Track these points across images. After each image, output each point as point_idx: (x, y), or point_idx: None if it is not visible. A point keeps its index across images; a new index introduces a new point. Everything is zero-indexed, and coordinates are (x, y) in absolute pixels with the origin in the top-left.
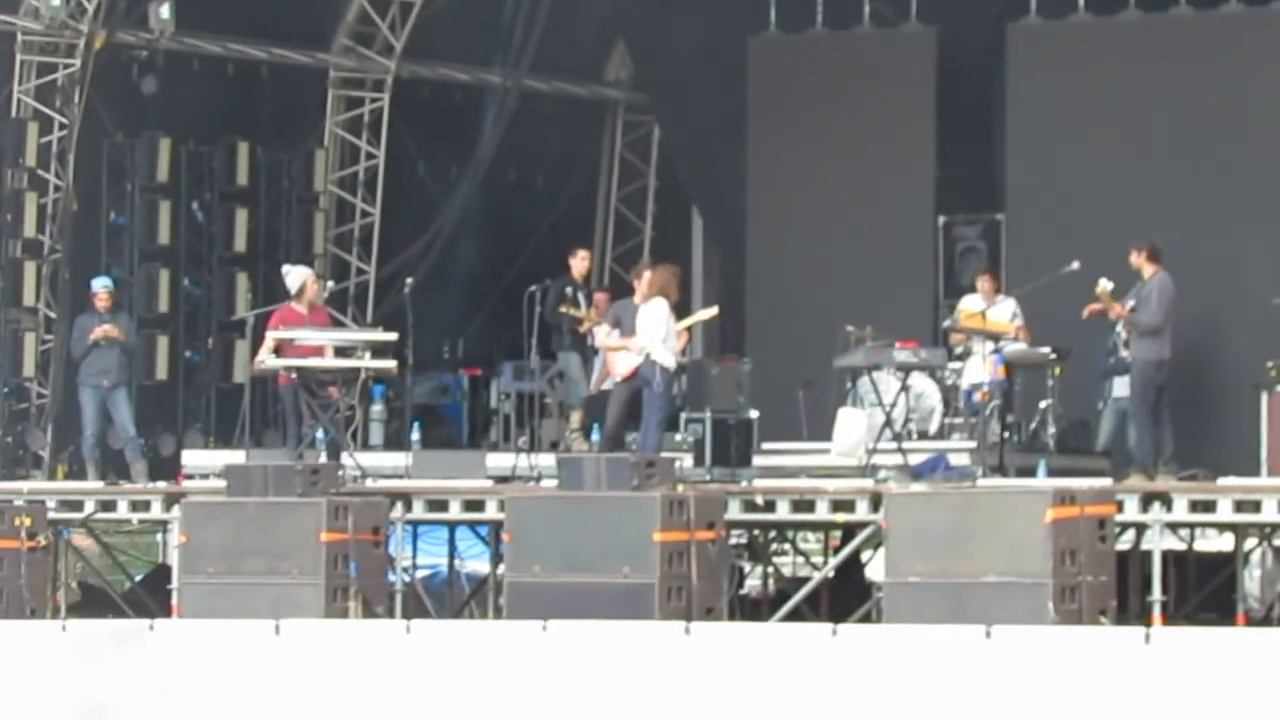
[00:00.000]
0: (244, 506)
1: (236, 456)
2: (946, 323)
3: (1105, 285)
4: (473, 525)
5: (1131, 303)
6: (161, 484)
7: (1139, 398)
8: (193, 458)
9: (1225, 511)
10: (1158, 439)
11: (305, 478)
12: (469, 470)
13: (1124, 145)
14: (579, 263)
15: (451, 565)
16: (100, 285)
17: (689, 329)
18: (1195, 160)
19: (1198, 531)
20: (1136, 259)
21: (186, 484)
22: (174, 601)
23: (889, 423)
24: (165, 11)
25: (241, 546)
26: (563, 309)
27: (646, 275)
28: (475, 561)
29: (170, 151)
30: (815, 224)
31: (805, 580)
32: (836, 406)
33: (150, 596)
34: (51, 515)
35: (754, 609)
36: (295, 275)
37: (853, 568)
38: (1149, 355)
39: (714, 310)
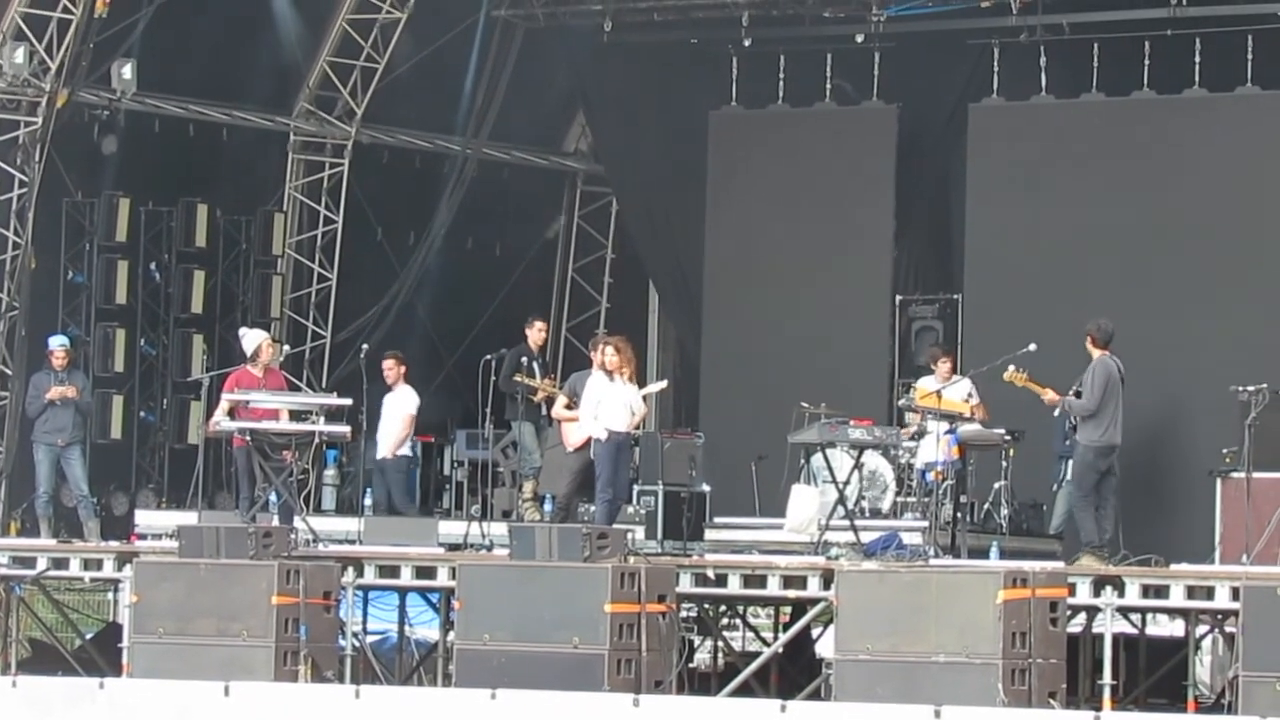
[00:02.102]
0: (196, 567)
1: (189, 517)
2: (902, 401)
3: (1013, 371)
4: (424, 592)
5: (1076, 387)
6: (114, 543)
7: (1077, 480)
8: (146, 518)
9: (1178, 597)
10: (1099, 523)
11: (257, 540)
12: (421, 537)
13: (1083, 228)
14: (535, 333)
15: (402, 631)
16: (57, 343)
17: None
18: (1155, 244)
19: (1149, 616)
20: (1087, 343)
21: (139, 544)
22: (124, 660)
23: (842, 500)
24: (127, 72)
25: (193, 607)
26: (518, 378)
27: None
28: (425, 628)
29: (129, 211)
30: (771, 300)
31: (755, 655)
32: (790, 482)
33: (100, 655)
34: (3, 572)
35: (703, 683)
36: (251, 338)
37: (803, 644)
38: (1088, 439)
39: (663, 383)
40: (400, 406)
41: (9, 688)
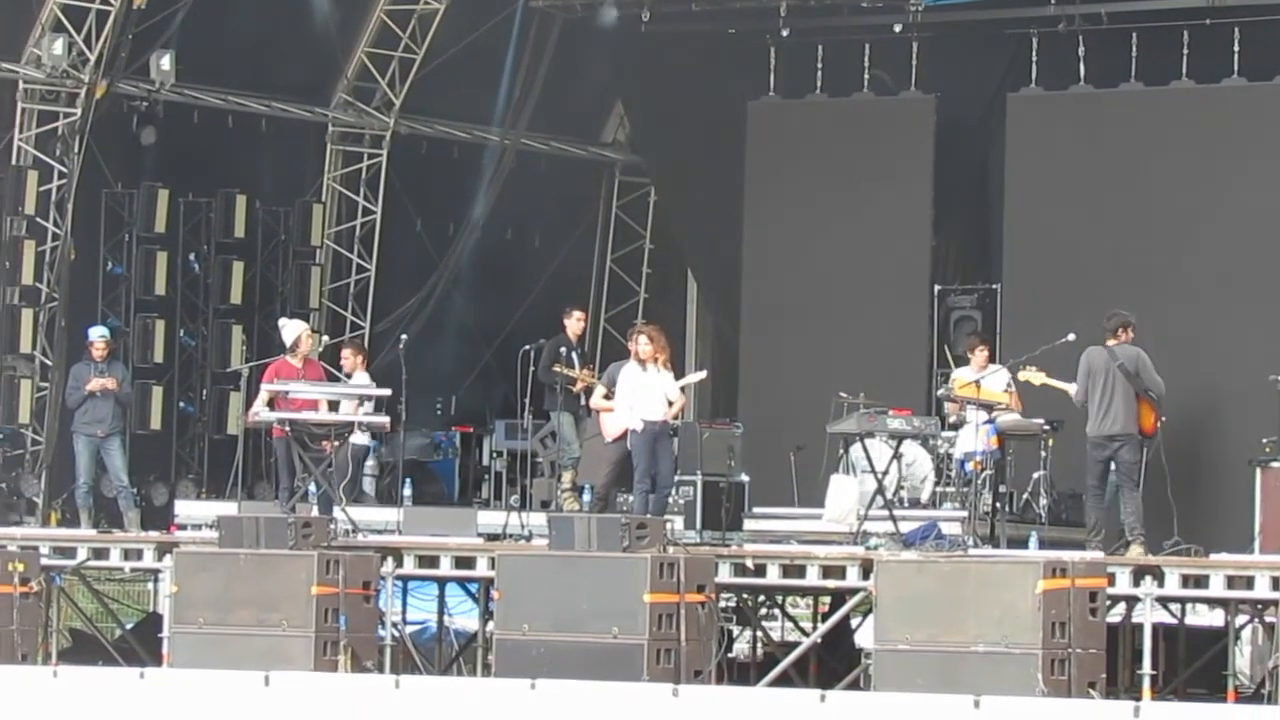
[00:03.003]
0: (235, 557)
1: (228, 508)
2: (940, 391)
3: (1031, 371)
4: (463, 582)
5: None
6: (154, 533)
7: (1088, 469)
8: (185, 508)
9: (1217, 587)
10: (1101, 512)
11: (297, 530)
12: (460, 527)
13: (1122, 217)
14: (574, 323)
15: (441, 621)
16: (97, 334)
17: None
18: (1193, 233)
19: (1189, 606)
20: None
21: (179, 534)
22: (164, 650)
23: (880, 490)
24: (166, 63)
25: (232, 597)
26: (556, 369)
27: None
28: (464, 618)
29: (168, 202)
30: (810, 289)
31: (794, 645)
32: (828, 473)
33: (141, 645)
34: (44, 561)
35: (742, 673)
36: (290, 329)
37: (842, 634)
38: (1088, 429)
39: (702, 374)
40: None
41: (50, 678)
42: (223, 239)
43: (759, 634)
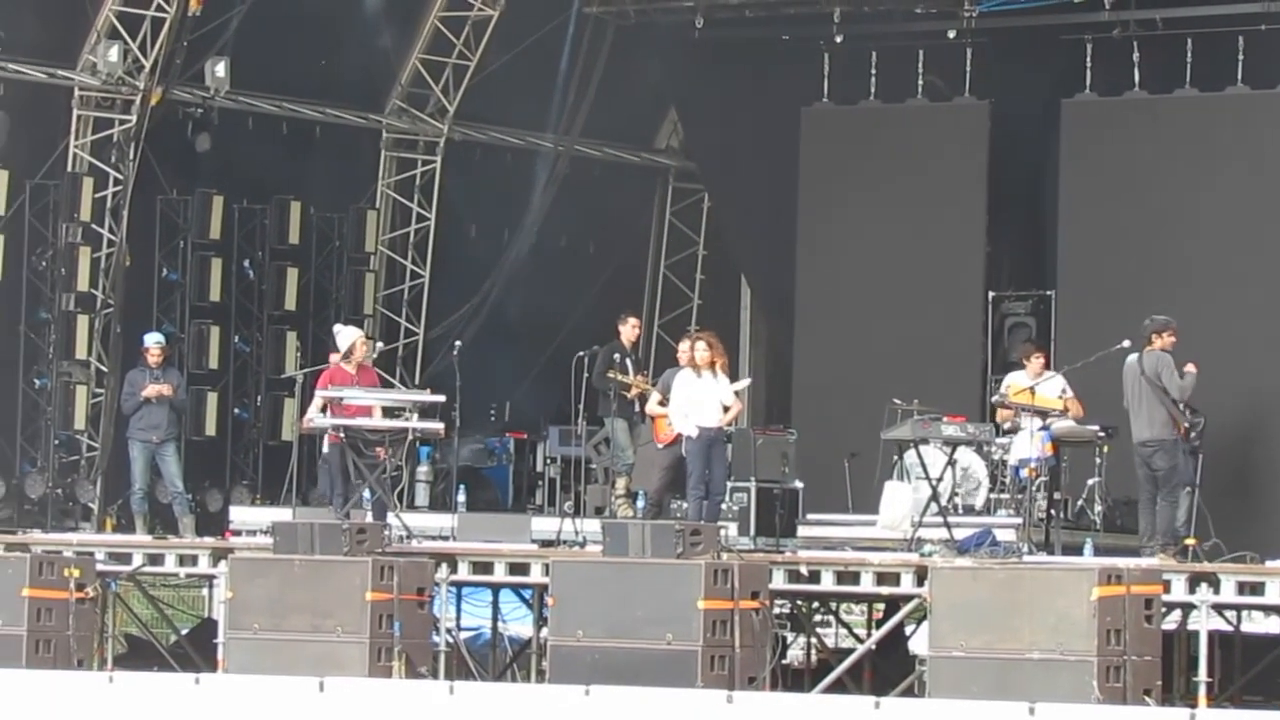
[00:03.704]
0: (290, 564)
1: (283, 514)
2: (995, 398)
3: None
4: (517, 588)
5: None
6: (209, 539)
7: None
8: (240, 514)
9: (1273, 594)
10: (1155, 518)
11: (351, 536)
12: (514, 533)
13: (1176, 223)
14: (628, 329)
15: (495, 627)
16: (152, 340)
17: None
18: (1247, 240)
19: (1244, 613)
20: None
21: (233, 540)
22: (219, 656)
23: (935, 497)
24: (221, 70)
25: (287, 603)
26: (610, 375)
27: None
28: (518, 624)
29: (223, 209)
30: (864, 296)
31: (848, 652)
32: (882, 479)
33: (196, 651)
34: (100, 567)
35: (796, 680)
36: (345, 335)
37: (896, 640)
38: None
39: (747, 381)
40: None
41: (105, 683)
42: (277, 245)
43: (813, 640)
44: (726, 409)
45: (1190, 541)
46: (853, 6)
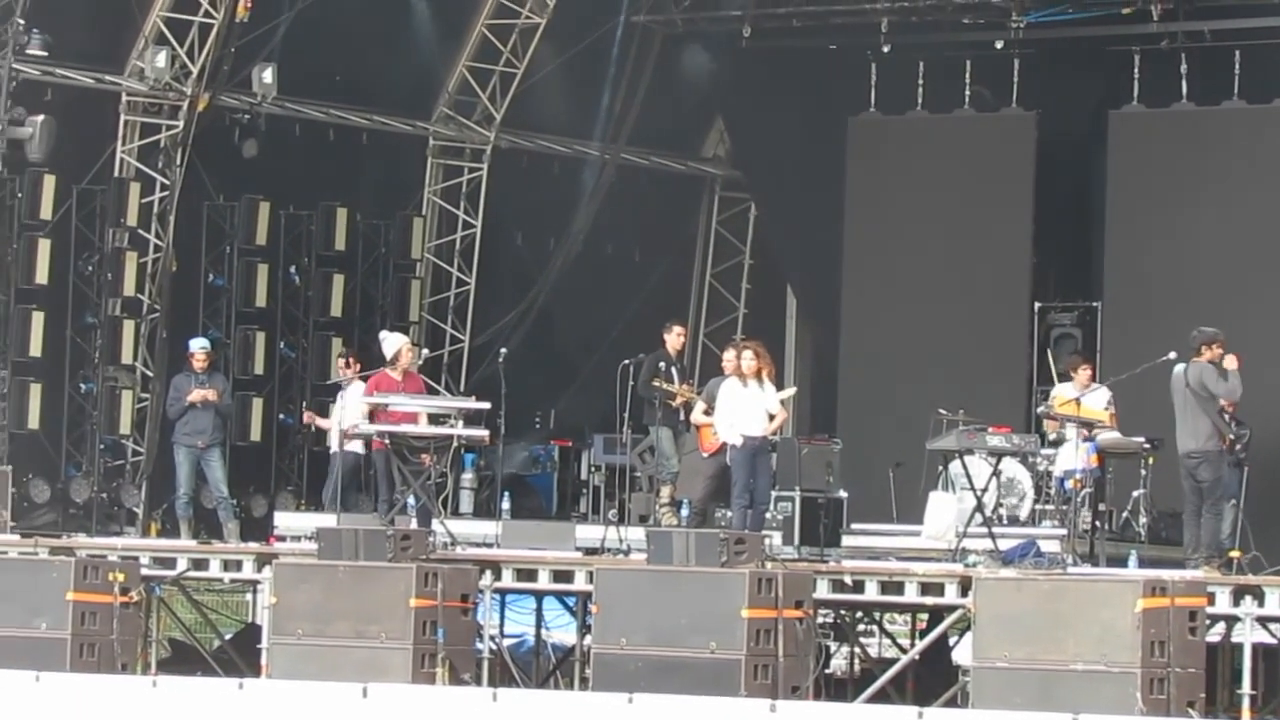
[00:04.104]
0: (334, 569)
1: (328, 520)
2: (1040, 409)
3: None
4: (561, 596)
5: None
6: (253, 544)
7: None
8: (285, 519)
9: None
10: (1200, 530)
11: (396, 543)
12: (558, 541)
13: (1223, 235)
14: (674, 338)
15: (538, 635)
16: (198, 346)
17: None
18: None
19: None
20: None
21: (278, 545)
22: (263, 661)
23: (980, 507)
24: (268, 76)
25: (331, 609)
26: (656, 383)
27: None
28: (561, 632)
29: (269, 215)
30: (910, 306)
31: (891, 661)
32: (927, 489)
33: (239, 655)
34: (144, 572)
35: (839, 689)
36: (391, 342)
37: (940, 651)
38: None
39: (792, 390)
40: (349, 400)
41: (149, 687)
42: (323, 251)
43: (856, 650)
44: (771, 418)
45: (1235, 554)
46: (900, 16)
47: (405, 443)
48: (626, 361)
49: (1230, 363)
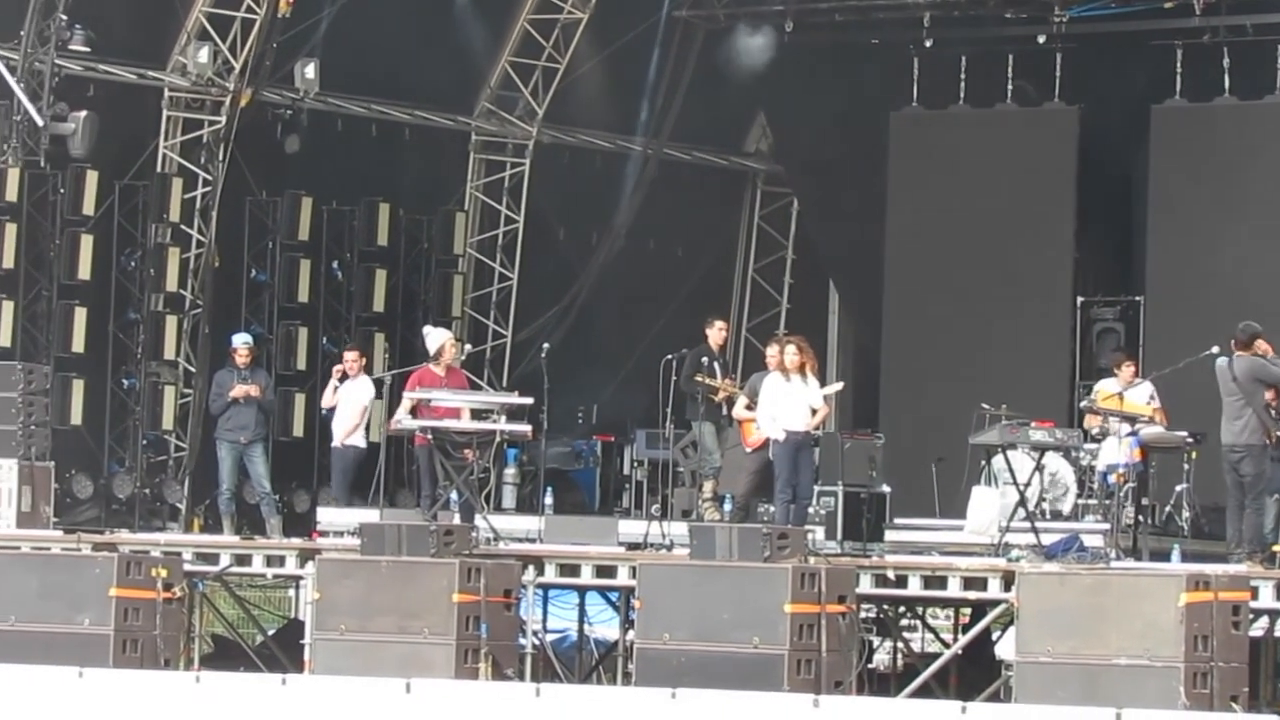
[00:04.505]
0: (377, 565)
1: (370, 515)
2: (1083, 403)
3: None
4: (603, 591)
5: None
6: (296, 540)
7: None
8: (327, 515)
9: None
10: (1240, 525)
11: (439, 538)
12: (601, 536)
13: (1265, 229)
14: (715, 333)
15: (581, 630)
16: (240, 341)
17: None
18: None
19: None
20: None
21: (321, 541)
22: (306, 657)
23: (1022, 502)
24: (310, 71)
25: (374, 604)
26: (698, 378)
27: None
28: (604, 627)
29: (312, 210)
30: (952, 300)
31: (934, 656)
32: (970, 484)
33: (282, 651)
34: (187, 567)
35: (882, 684)
36: (435, 337)
37: (982, 645)
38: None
39: (839, 385)
40: (358, 397)
41: (192, 683)
42: (365, 247)
43: (899, 645)
44: (814, 412)
45: (1278, 548)
46: (943, 11)
47: (448, 438)
48: (669, 356)
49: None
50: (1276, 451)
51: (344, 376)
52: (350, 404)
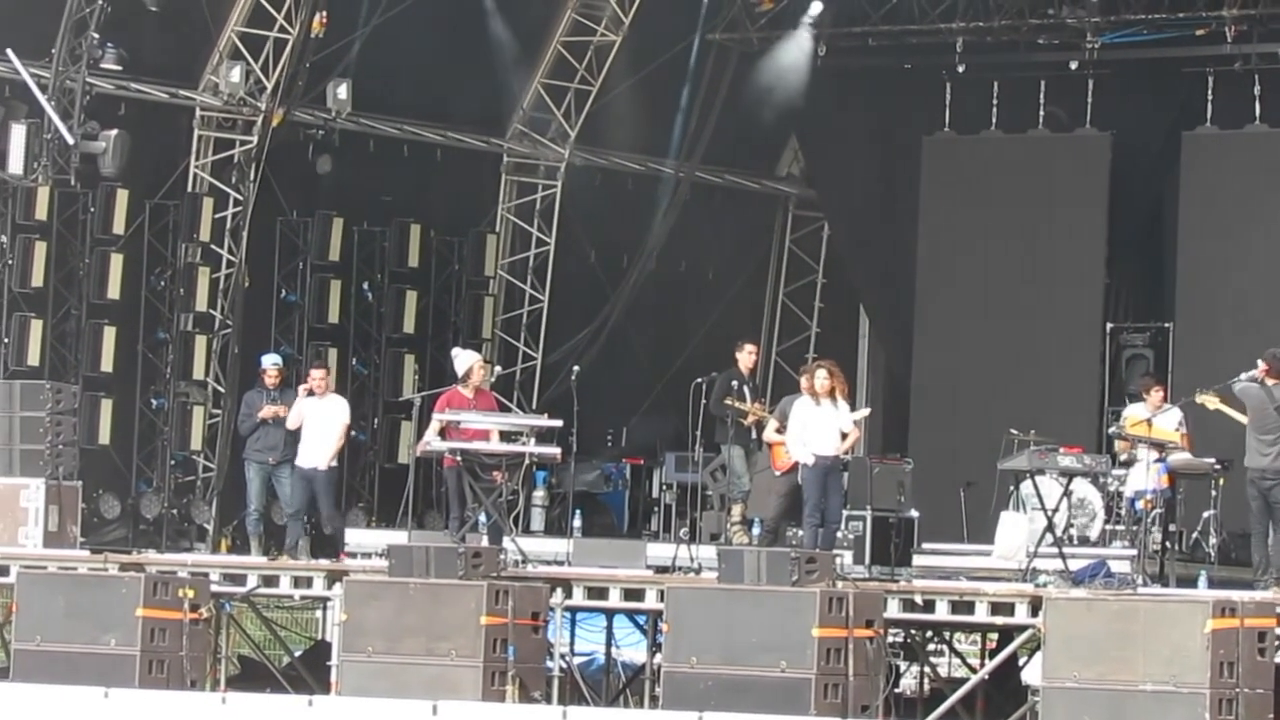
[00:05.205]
0: (405, 587)
1: (399, 537)
2: (1112, 429)
3: (1205, 394)
4: (631, 614)
5: None
6: (324, 561)
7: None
8: (356, 536)
9: None
10: (1266, 551)
11: (467, 560)
12: (629, 559)
13: None
14: (745, 356)
15: (609, 653)
16: (270, 362)
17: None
18: None
19: None
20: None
21: (349, 562)
22: (333, 678)
23: (1050, 527)
24: (343, 92)
25: (401, 626)
26: (728, 402)
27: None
28: (632, 650)
29: (343, 231)
30: (982, 325)
31: (961, 681)
32: (998, 509)
33: (309, 673)
34: (214, 588)
35: (909, 708)
36: (463, 359)
37: (1009, 671)
38: (1248, 463)
39: (866, 411)
40: (337, 416)
41: (218, 704)
42: (396, 268)
43: (926, 670)
44: (844, 437)
45: None
46: (975, 37)
47: (477, 460)
48: (699, 380)
49: None
50: None
51: (310, 394)
52: (326, 423)
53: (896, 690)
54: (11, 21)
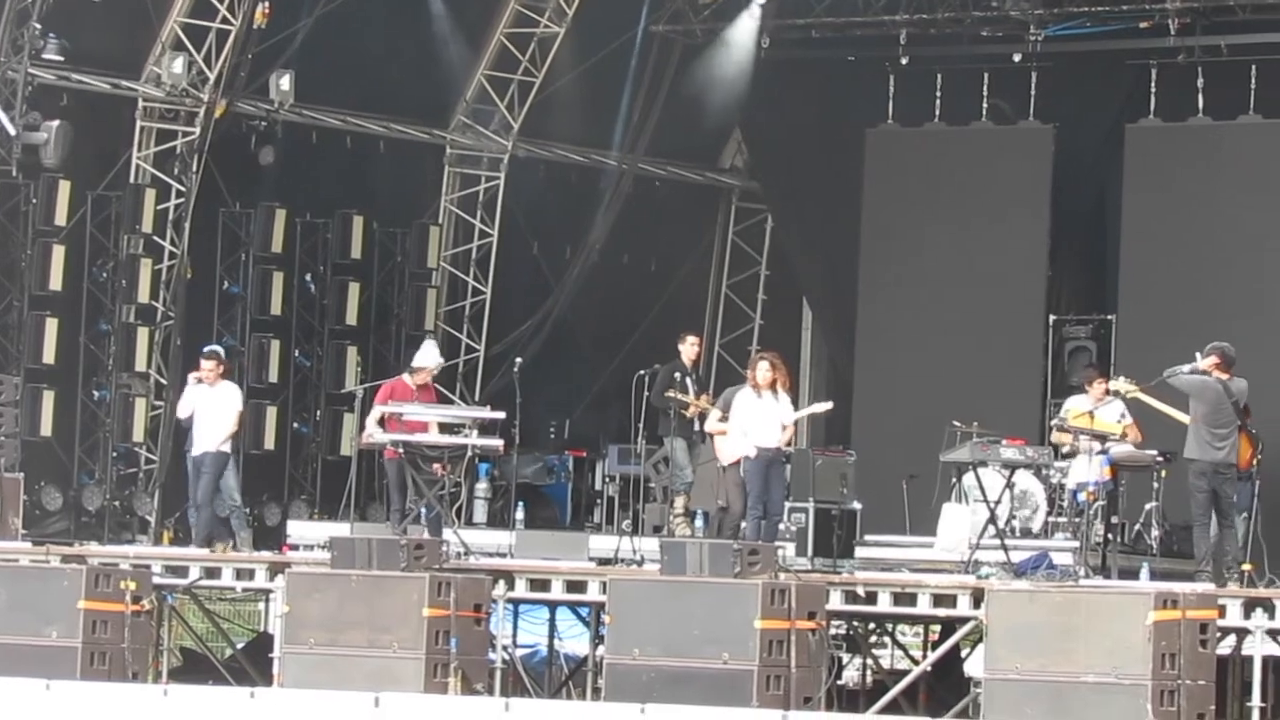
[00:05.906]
0: (347, 579)
1: (341, 529)
2: (1054, 421)
3: (1123, 382)
4: (574, 606)
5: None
6: (266, 553)
7: (1194, 499)
8: (298, 528)
9: None
10: (1219, 543)
11: (409, 552)
12: (572, 551)
13: (1238, 249)
14: (688, 348)
15: (551, 645)
16: (205, 355)
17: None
18: None
19: None
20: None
21: (291, 554)
22: (275, 670)
23: (993, 519)
24: (286, 83)
25: (344, 618)
26: (670, 394)
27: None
28: (575, 642)
29: (285, 222)
30: (925, 317)
31: (904, 673)
32: (940, 501)
33: (251, 665)
34: (156, 580)
35: (851, 700)
36: (428, 356)
37: (951, 662)
38: (1195, 455)
39: (828, 405)
40: (230, 402)
41: (160, 696)
42: (339, 260)
43: (869, 661)
44: (785, 428)
45: (1246, 567)
46: (919, 29)
47: (419, 452)
48: (642, 372)
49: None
50: (1244, 471)
51: (200, 382)
52: (218, 411)
53: (839, 682)
54: None
